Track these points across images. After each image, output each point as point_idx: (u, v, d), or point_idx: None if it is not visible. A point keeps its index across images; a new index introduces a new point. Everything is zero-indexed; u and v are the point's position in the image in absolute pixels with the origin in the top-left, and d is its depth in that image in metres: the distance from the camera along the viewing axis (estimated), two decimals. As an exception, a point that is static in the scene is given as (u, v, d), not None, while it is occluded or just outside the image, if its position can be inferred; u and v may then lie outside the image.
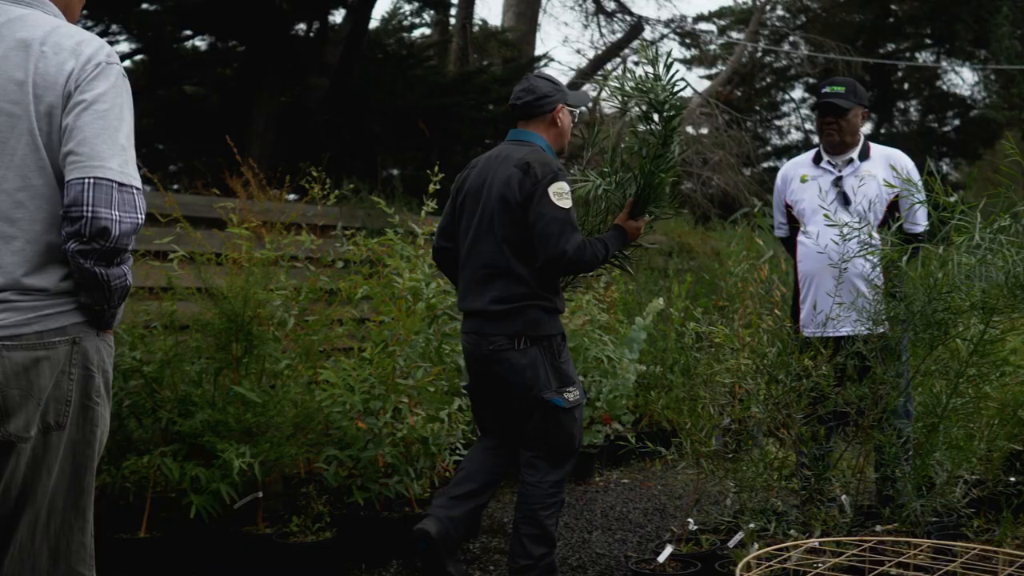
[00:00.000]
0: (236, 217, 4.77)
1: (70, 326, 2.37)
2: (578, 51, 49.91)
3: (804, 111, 26.04)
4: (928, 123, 26.12)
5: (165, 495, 4.30)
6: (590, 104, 10.53)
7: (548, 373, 3.87)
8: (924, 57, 25.30)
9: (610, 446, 6.48)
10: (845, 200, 4.64)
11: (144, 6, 11.51)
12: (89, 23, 10.64)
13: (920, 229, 4.58)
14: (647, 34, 21.43)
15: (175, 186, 12.15)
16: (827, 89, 4.83)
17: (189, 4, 11.12)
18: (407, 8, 16.17)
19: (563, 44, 52.70)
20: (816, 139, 4.99)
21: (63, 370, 2.36)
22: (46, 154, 2.34)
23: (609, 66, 20.80)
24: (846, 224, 4.13)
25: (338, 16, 12.24)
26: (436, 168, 5.28)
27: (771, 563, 3.03)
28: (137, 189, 2.37)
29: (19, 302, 2.31)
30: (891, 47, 24.92)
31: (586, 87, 18.09)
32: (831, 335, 4.29)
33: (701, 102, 18.23)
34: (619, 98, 4.10)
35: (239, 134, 9.42)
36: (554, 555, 3.92)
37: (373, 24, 14.20)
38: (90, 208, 2.27)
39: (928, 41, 24.79)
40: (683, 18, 27.13)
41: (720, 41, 26.27)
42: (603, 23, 20.50)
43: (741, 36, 24.79)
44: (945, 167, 25.15)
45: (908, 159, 4.76)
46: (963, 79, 31.42)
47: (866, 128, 5.25)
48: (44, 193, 2.35)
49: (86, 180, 2.28)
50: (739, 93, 23.65)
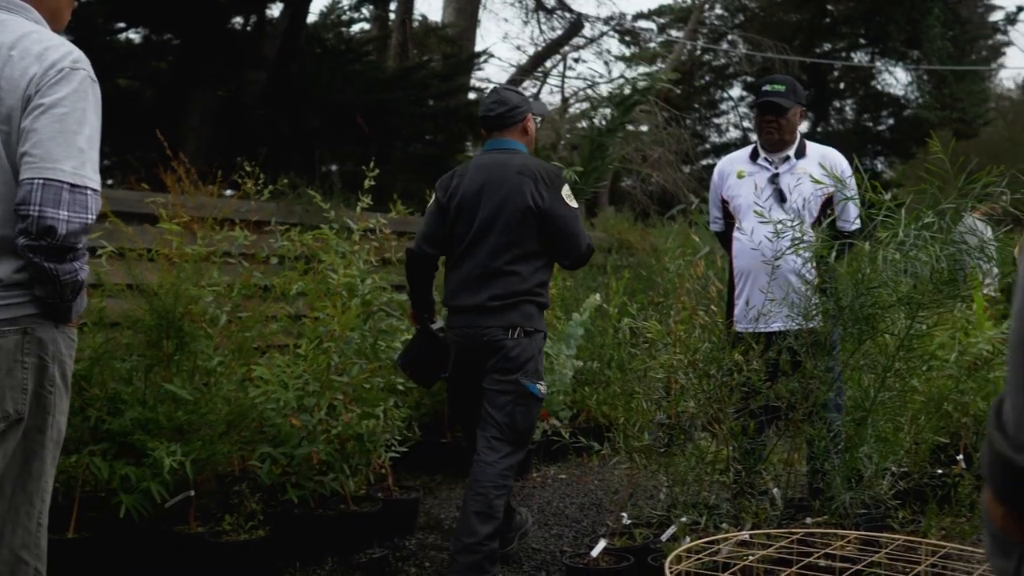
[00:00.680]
0: (166, 212, 4.70)
1: (21, 317, 2.47)
2: (518, 47, 49.84)
3: (742, 109, 26.39)
4: (863, 122, 26.56)
5: (94, 495, 4.22)
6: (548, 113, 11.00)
7: (531, 363, 4.08)
8: (859, 57, 25.74)
9: (547, 442, 6.49)
10: (781, 197, 4.68)
11: (76, -3, 11.27)
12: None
13: (852, 227, 4.63)
14: (587, 31, 21.56)
15: (108, 181, 11.90)
16: (767, 87, 4.87)
17: (123, -5, 10.93)
18: (346, 2, 16.06)
19: (503, 40, 52.80)
20: (754, 137, 5.04)
21: (15, 359, 2.45)
22: (4, 155, 2.44)
23: (549, 63, 20.88)
24: (780, 221, 4.19)
25: (276, 10, 12.09)
26: (372, 164, 5.25)
27: (701, 556, 3.07)
28: (93, 190, 2.47)
29: None
30: (827, 47, 25.32)
31: (526, 84, 18.13)
32: (763, 330, 4.35)
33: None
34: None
35: (174, 129, 9.28)
36: (496, 543, 4.00)
37: (312, 18, 14.09)
38: (36, 208, 2.37)
39: (863, 41, 25.23)
40: (623, 16, 27.29)
41: (659, 39, 26.48)
42: (543, 20, 20.51)
43: (680, 34, 25.02)
44: (879, 166, 25.61)
45: (842, 157, 4.82)
46: (897, 79, 32.00)
47: (803, 127, 5.31)
48: (0, 191, 2.45)
49: (36, 181, 2.38)
50: (678, 91, 23.86)
